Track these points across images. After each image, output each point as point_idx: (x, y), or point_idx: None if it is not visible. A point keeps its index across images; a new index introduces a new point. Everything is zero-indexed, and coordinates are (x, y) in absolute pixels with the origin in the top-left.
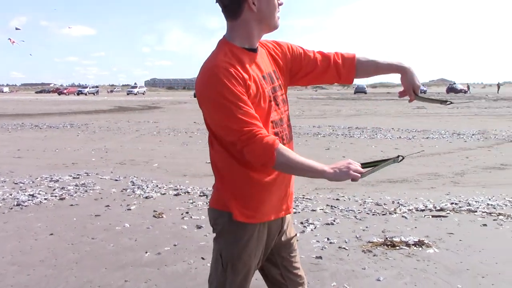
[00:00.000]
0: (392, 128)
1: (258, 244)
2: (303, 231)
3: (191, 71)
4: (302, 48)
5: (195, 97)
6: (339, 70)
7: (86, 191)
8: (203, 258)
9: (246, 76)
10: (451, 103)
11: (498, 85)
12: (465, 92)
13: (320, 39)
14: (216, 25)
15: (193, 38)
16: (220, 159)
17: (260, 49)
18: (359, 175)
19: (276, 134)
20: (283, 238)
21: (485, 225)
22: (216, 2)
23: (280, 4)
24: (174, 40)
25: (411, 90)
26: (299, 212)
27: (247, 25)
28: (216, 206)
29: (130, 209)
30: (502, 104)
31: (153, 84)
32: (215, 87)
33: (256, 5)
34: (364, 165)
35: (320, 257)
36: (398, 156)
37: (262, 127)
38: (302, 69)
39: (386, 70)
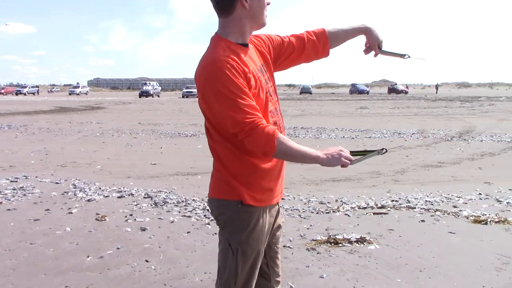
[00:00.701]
0: (336, 128)
1: (262, 228)
2: None
3: (136, 71)
4: (278, 36)
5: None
6: (315, 46)
7: (24, 195)
8: (147, 261)
9: (246, 69)
10: (409, 56)
11: (437, 86)
12: (406, 92)
13: None
14: (161, 24)
15: (138, 37)
16: (221, 149)
17: (249, 44)
18: (349, 162)
19: (274, 123)
20: (275, 225)
21: (423, 221)
22: None
23: (268, 4)
24: (119, 39)
25: (376, 46)
26: None
27: (240, 22)
28: (219, 195)
29: (71, 213)
30: (440, 104)
31: (96, 84)
32: (219, 80)
33: (248, 2)
34: (352, 153)
35: None
36: (383, 149)
37: (262, 118)
38: (282, 55)
39: (353, 34)
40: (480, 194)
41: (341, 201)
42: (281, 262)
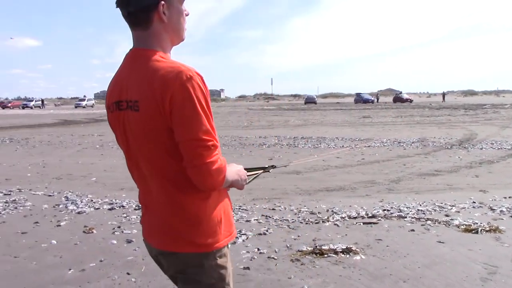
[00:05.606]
0: (337, 137)
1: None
2: (235, 242)
3: None
4: None
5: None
6: None
7: (16, 208)
8: (128, 273)
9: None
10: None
11: (443, 94)
12: (411, 101)
13: (271, 51)
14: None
15: None
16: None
17: None
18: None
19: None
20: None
21: (413, 230)
22: (117, 7)
23: (187, 15)
24: (124, 52)
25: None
26: None
27: (159, 37)
28: (190, 249)
29: (59, 225)
30: (444, 112)
31: (103, 96)
32: (199, 90)
33: (166, 14)
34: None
35: (248, 268)
36: (273, 166)
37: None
38: None
39: None
40: (474, 202)
41: (332, 211)
42: (263, 273)
